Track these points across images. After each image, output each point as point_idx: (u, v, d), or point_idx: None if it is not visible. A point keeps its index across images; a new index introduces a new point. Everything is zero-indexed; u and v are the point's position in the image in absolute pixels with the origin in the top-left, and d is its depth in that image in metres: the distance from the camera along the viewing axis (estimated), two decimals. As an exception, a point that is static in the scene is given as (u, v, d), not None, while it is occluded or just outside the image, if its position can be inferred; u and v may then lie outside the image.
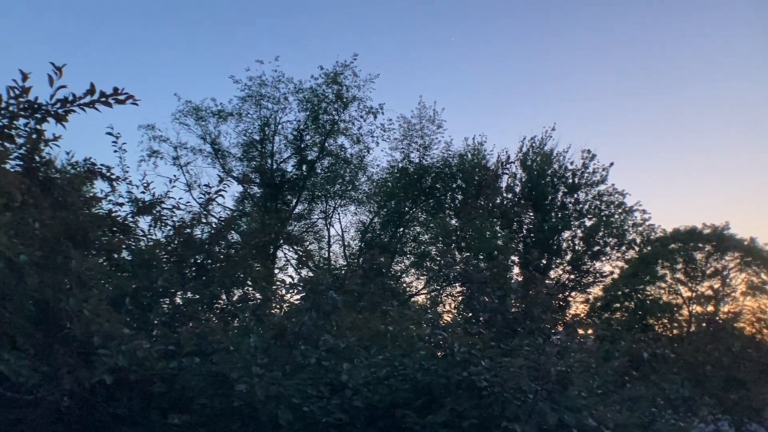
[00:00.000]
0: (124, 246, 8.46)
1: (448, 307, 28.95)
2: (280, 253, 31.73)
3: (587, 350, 6.98)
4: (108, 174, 8.60)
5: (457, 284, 18.31)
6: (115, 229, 8.65)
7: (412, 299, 31.63)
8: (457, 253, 29.76)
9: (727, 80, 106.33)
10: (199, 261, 8.97)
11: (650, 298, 45.43)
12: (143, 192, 9.34)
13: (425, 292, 33.04)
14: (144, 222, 9.12)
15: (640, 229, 41.85)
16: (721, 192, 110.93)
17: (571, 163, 40.08)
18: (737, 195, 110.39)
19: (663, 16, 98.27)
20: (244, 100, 31.64)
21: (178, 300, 8.28)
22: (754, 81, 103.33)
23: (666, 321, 43.84)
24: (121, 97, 6.08)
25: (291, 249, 32.84)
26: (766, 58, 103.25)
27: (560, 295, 35.56)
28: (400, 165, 34.10)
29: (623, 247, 41.44)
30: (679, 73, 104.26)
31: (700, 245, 49.26)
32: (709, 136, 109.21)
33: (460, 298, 10.87)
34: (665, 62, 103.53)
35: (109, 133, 9.37)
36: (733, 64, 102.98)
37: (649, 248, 43.94)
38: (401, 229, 34.74)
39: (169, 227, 9.18)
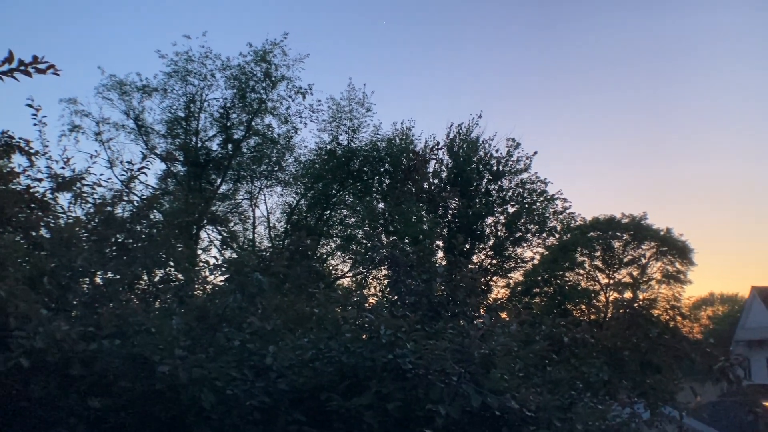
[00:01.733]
0: (42, 223, 8.17)
1: (373, 290, 29.22)
2: (203, 234, 31.27)
3: (511, 334, 7.11)
4: (26, 148, 8.29)
5: (383, 267, 18.46)
6: (33, 205, 8.35)
7: (338, 282, 31.68)
8: (383, 236, 29.92)
9: (647, 76, 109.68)
10: (120, 240, 8.74)
11: (569, 284, 46.72)
12: (63, 168, 9.03)
13: (351, 275, 33.14)
14: (63, 199, 8.84)
15: (561, 216, 43.01)
16: (640, 183, 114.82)
17: (497, 151, 40.84)
18: (655, 186, 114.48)
19: (590, 10, 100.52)
20: (170, 75, 30.92)
21: (98, 280, 8.05)
22: (674, 78, 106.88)
23: (584, 307, 45.17)
24: (42, 66, 5.84)
25: (215, 229, 32.40)
26: (686, 56, 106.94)
27: (483, 280, 36.18)
28: (328, 147, 33.99)
29: (544, 234, 42.54)
30: (602, 68, 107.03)
31: (618, 234, 50.98)
32: (629, 130, 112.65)
33: (386, 281, 10.92)
34: (590, 55, 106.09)
35: (29, 105, 8.99)
36: (654, 61, 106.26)
37: (568, 236, 45.15)
38: (328, 212, 34.68)
39: (89, 205, 8.91)
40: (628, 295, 47.63)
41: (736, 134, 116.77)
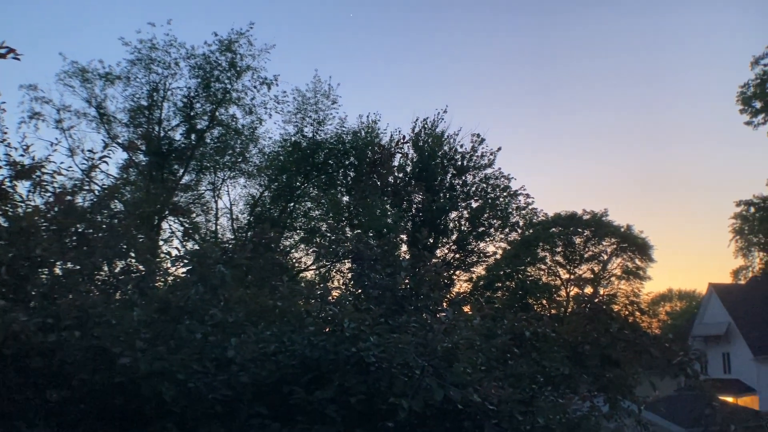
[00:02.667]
0: (0, 212, 8.00)
1: (336, 284, 29.17)
2: (165, 225, 30.85)
3: (474, 328, 7.15)
4: (-16, 135, 8.08)
5: (346, 261, 18.42)
6: (-10, 194, 8.15)
7: (301, 275, 31.58)
8: (348, 229, 29.89)
9: (610, 74, 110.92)
10: (80, 230, 8.57)
11: (530, 278, 47.19)
12: (22, 155, 8.82)
13: (314, 268, 33.04)
14: (22, 187, 8.65)
15: (523, 212, 43.45)
16: (602, 180, 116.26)
17: (461, 146, 41.05)
18: (616, 184, 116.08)
19: (554, 7, 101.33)
20: (134, 63, 30.40)
21: (58, 270, 7.91)
22: (637, 76, 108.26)
23: (545, 301, 45.68)
24: (2, 51, 5.72)
25: (177, 220, 32.03)
26: (648, 54, 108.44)
27: (446, 274, 36.37)
28: (293, 139, 33.77)
29: (506, 229, 42.91)
30: (564, 66, 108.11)
31: (579, 230, 51.62)
32: (592, 127, 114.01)
33: (350, 274, 10.91)
34: (553, 52, 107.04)
35: (-12, 91, 8.77)
36: (617, 58, 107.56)
37: (530, 231, 45.58)
38: (292, 204, 34.50)
39: (49, 193, 8.73)
40: (588, 290, 48.29)
41: (694, 134, 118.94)
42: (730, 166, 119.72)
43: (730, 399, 46.30)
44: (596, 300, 8.93)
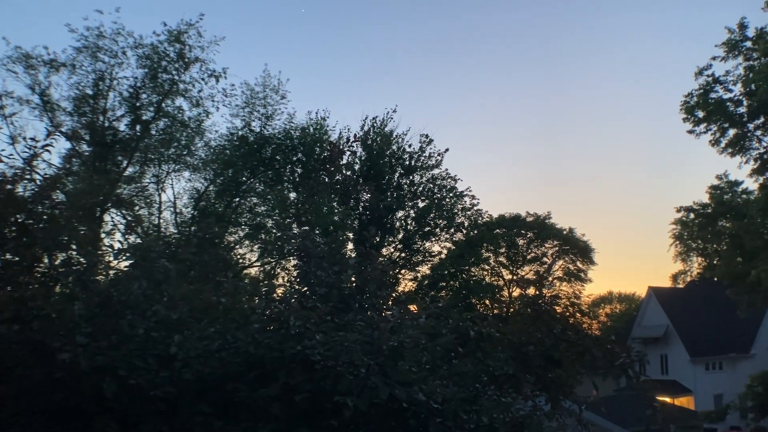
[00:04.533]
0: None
1: (282, 281, 29.00)
2: (107, 217, 30.18)
3: (420, 327, 7.19)
4: None
5: (292, 258, 18.33)
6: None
7: (246, 271, 31.29)
8: (295, 226, 29.74)
9: (554, 79, 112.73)
10: (20, 220, 8.37)
11: (474, 278, 47.62)
12: (-41, 142, 8.58)
13: (259, 264, 32.78)
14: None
15: (469, 213, 43.81)
16: (545, 183, 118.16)
17: (409, 146, 41.20)
18: (560, 188, 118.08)
19: (498, 11, 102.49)
20: (80, 51, 29.63)
21: (-5, 261, 7.71)
22: (580, 81, 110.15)
23: (488, 301, 46.18)
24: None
25: (120, 213, 31.38)
26: (595, 62, 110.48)
27: (391, 273, 36.51)
28: (240, 133, 33.44)
29: (452, 229, 43.24)
30: (508, 71, 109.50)
31: (523, 232, 52.38)
32: (537, 132, 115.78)
33: (296, 272, 10.87)
34: (498, 57, 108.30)
35: None
36: (561, 62, 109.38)
37: (475, 232, 46.00)
38: (237, 199, 34.16)
39: (-13, 182, 8.49)
40: (531, 291, 48.99)
41: (637, 141, 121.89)
42: (672, 173, 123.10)
43: (667, 399, 47.66)
44: (540, 301, 9.08)
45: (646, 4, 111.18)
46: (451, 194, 42.20)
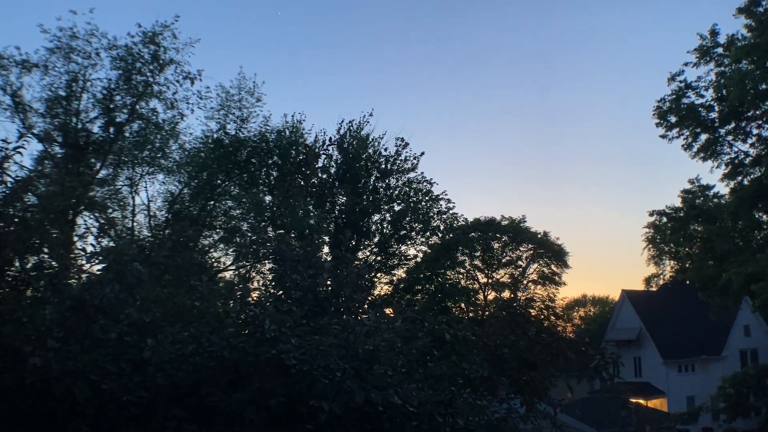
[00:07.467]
0: None
1: (257, 285, 28.81)
2: (80, 220, 29.81)
3: (395, 330, 7.19)
4: None
5: (268, 261, 18.27)
6: None
7: (220, 275, 31.06)
8: (270, 229, 29.61)
9: (528, 83, 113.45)
10: (-11, 223, 8.25)
11: (450, 282, 47.79)
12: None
13: (234, 268, 32.55)
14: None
15: (444, 216, 43.93)
16: (520, 187, 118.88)
17: (385, 149, 41.23)
18: (534, 192, 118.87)
19: (479, 13, 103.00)
20: (53, 51, 29.25)
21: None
22: (555, 85, 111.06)
23: (463, 304, 46.35)
24: None
25: (92, 216, 31.01)
26: (570, 66, 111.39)
27: (367, 276, 36.46)
28: (215, 135, 33.21)
29: (427, 233, 43.30)
30: (484, 75, 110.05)
31: (498, 235, 52.72)
32: (511, 136, 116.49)
33: (271, 275, 10.82)
34: (477, 59, 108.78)
35: None
36: (537, 66, 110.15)
37: (451, 235, 46.15)
38: (212, 203, 33.90)
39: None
40: (506, 294, 49.26)
41: (611, 145, 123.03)
42: (645, 177, 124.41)
43: (641, 401, 48.07)
44: (515, 305, 9.12)
45: (621, 11, 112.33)
46: (426, 198, 42.27)
